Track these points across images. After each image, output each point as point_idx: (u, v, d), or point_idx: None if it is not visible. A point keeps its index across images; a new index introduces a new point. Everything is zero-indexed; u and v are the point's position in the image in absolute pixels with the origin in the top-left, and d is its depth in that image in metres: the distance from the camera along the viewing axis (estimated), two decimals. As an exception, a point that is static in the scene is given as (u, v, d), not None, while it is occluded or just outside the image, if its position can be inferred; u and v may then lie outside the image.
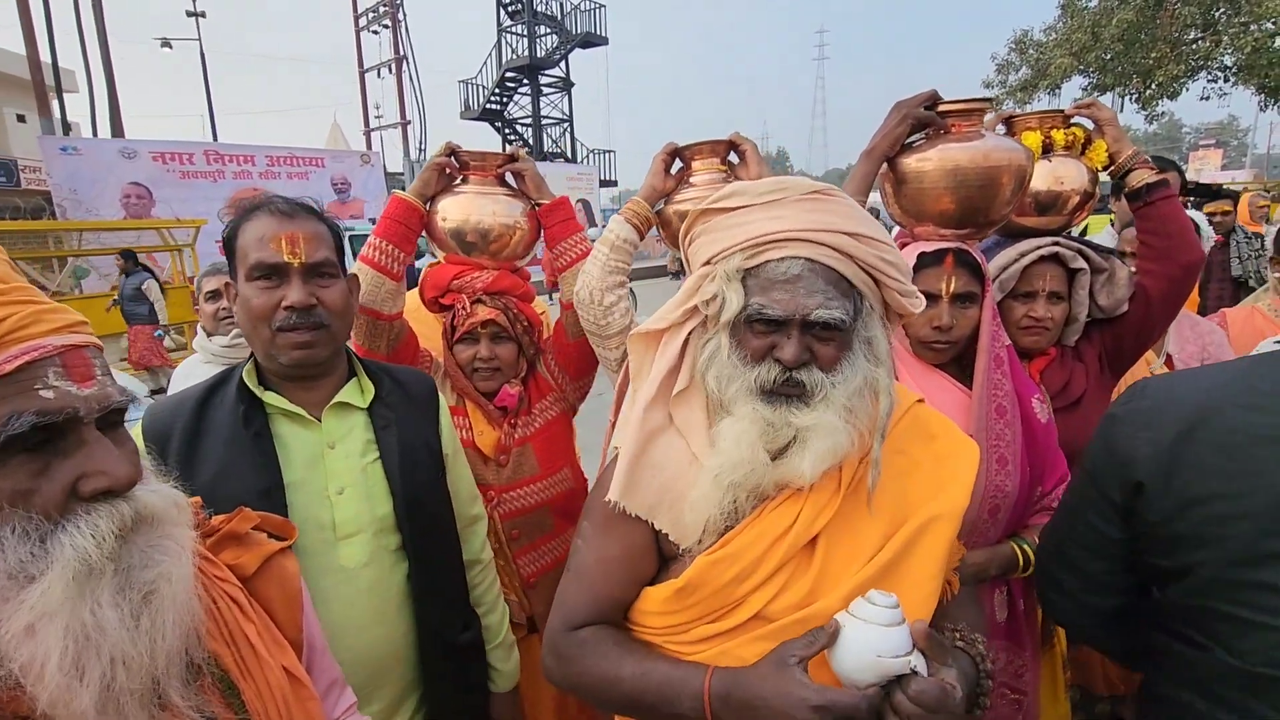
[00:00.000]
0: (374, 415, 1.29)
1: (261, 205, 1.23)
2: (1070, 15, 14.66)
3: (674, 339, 1.01)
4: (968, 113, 1.50)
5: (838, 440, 0.89)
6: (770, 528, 0.93)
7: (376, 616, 1.24)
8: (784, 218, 0.93)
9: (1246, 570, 0.80)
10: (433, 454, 1.35)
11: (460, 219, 1.74)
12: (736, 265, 0.93)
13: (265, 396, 1.22)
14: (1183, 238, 1.57)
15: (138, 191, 12.09)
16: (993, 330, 1.47)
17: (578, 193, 19.61)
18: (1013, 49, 16.04)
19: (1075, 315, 1.67)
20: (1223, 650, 0.82)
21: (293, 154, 14.54)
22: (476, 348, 1.69)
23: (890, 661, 0.80)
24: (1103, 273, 1.66)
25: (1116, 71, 14.37)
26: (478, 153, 1.81)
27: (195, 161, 12.86)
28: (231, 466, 1.15)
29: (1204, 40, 13.36)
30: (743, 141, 1.70)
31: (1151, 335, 1.70)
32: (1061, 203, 1.67)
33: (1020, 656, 1.51)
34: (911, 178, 1.51)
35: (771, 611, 0.92)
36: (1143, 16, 13.34)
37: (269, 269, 1.17)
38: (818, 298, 0.90)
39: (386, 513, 1.25)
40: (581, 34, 22.81)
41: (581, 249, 1.79)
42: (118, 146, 12.30)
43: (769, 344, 0.92)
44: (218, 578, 0.80)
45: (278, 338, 1.18)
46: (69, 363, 0.63)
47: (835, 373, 0.91)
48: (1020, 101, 15.68)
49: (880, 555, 0.92)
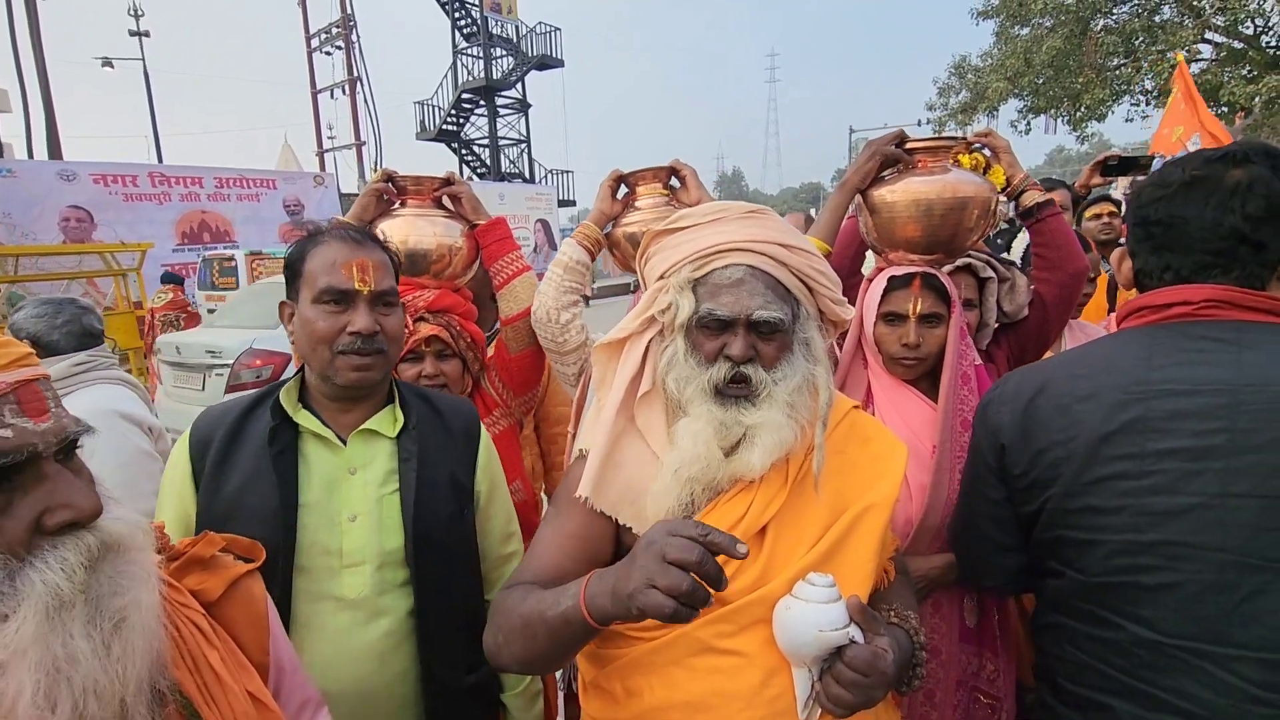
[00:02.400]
0: (400, 445, 1.28)
1: (332, 231, 1.27)
2: (1004, 42, 15.45)
3: (635, 347, 1.10)
4: (933, 150, 1.65)
5: (783, 435, 0.99)
6: (724, 518, 1.00)
7: (369, 650, 1.21)
8: (726, 231, 1.05)
9: (1078, 498, 1.01)
10: (459, 489, 1.33)
11: (399, 240, 1.76)
12: (687, 276, 1.04)
13: (298, 416, 1.23)
14: (1069, 249, 1.74)
15: (78, 215, 11.61)
16: (959, 349, 1.57)
17: (537, 212, 19.58)
18: (953, 73, 16.80)
19: (985, 320, 1.82)
20: (1074, 571, 1.03)
21: (243, 175, 14.18)
22: (421, 365, 1.71)
23: (830, 634, 0.87)
24: (1006, 282, 1.83)
25: (1048, 95, 15.17)
26: (414, 177, 1.85)
27: (139, 184, 12.43)
28: (254, 481, 1.17)
29: (1126, 66, 14.22)
30: (682, 167, 1.80)
31: (1049, 336, 1.86)
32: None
33: (994, 661, 1.57)
34: (882, 208, 1.65)
35: (726, 594, 0.96)
36: (1070, 44, 14.15)
37: (339, 294, 1.21)
38: (759, 299, 1.01)
39: (396, 546, 1.23)
40: (537, 56, 22.97)
41: (517, 266, 1.84)
42: (56, 168, 11.81)
43: (720, 344, 1.02)
44: (180, 604, 0.80)
45: (338, 359, 1.21)
46: (23, 398, 0.63)
47: (777, 370, 1.02)
48: (961, 123, 16.40)
49: (822, 543, 1.01)
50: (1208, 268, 1.00)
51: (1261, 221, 0.97)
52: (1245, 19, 12.79)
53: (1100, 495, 0.99)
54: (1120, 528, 0.98)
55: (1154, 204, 1.05)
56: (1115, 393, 1.00)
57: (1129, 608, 0.98)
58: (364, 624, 1.21)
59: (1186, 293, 1.01)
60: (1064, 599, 1.07)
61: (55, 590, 0.60)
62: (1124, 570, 0.98)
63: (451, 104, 22.83)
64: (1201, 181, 1.01)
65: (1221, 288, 0.99)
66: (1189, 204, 1.01)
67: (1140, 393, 0.98)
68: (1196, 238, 1.00)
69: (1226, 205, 0.98)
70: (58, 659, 0.59)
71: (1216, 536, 0.91)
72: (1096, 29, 14.12)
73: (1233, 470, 0.91)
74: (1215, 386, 0.94)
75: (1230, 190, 0.98)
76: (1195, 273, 1.01)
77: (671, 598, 0.75)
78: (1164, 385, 0.97)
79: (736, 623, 0.96)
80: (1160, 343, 1.01)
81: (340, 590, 1.19)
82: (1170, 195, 1.03)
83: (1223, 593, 0.91)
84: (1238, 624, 0.90)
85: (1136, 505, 0.96)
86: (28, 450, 0.61)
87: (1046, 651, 1.13)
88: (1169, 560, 0.94)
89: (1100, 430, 1.00)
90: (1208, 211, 0.99)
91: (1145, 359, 1.00)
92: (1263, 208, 0.97)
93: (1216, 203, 0.99)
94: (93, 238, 11.43)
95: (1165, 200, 1.04)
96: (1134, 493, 0.96)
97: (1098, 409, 1.01)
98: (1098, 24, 14.22)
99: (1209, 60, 14.01)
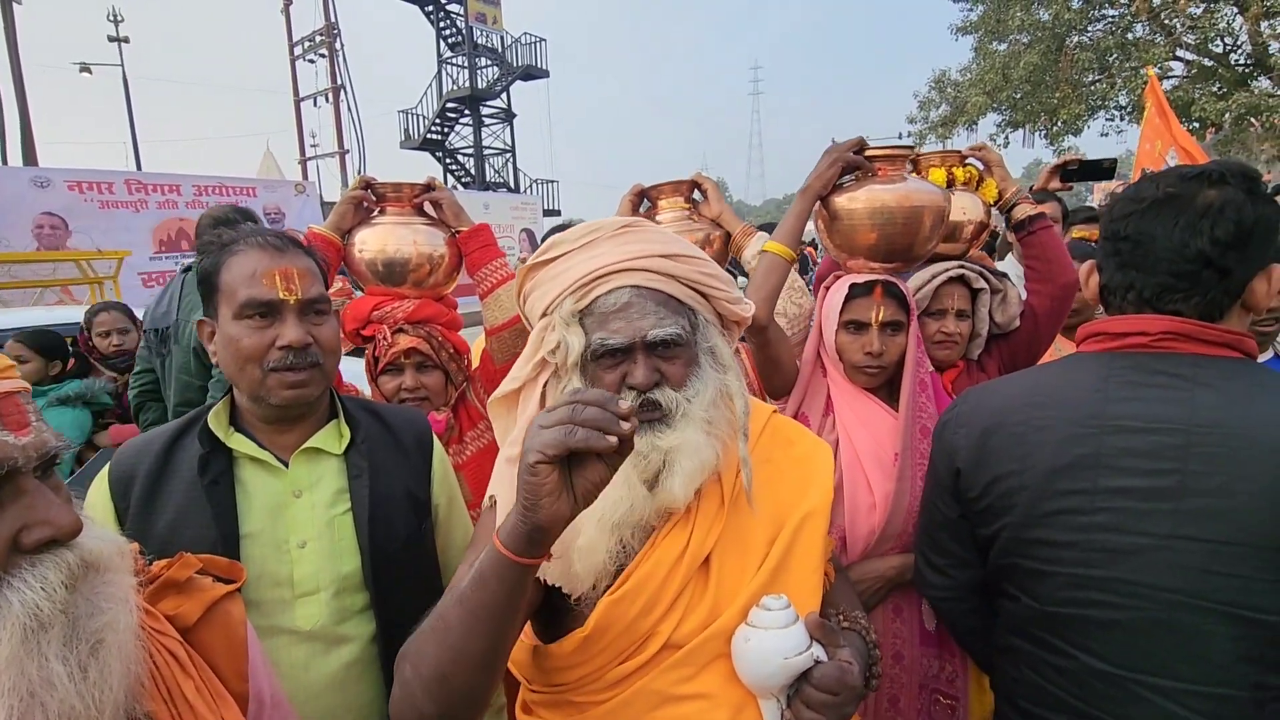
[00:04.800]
0: (348, 462, 1.21)
1: (247, 239, 1.16)
2: (983, 57, 15.71)
3: (531, 395, 1.02)
4: (892, 158, 1.66)
5: (704, 456, 0.92)
6: (665, 555, 0.94)
7: (331, 683, 1.14)
8: (601, 254, 0.97)
9: (1031, 530, 1.01)
10: (416, 505, 1.26)
11: (378, 249, 1.73)
12: (570, 308, 0.96)
13: (230, 441, 1.15)
14: (1060, 262, 1.76)
15: (51, 222, 11.39)
16: (918, 356, 1.59)
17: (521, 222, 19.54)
18: (933, 87, 17.04)
19: (978, 331, 1.84)
20: (1029, 598, 1.04)
21: (222, 183, 14.00)
22: (401, 378, 1.67)
23: (795, 660, 0.84)
24: (998, 293, 1.85)
25: (1026, 109, 15.44)
26: (393, 183, 1.81)
27: (116, 191, 12.23)
28: (188, 514, 1.09)
29: (1100, 82, 14.53)
30: (704, 180, 1.80)
31: (1041, 347, 1.88)
32: (961, 231, 1.87)
33: (951, 663, 1.58)
34: (843, 215, 1.65)
35: (679, 638, 0.93)
36: (1046, 60, 14.42)
37: (263, 306, 1.12)
38: (651, 319, 0.94)
39: (353, 569, 1.16)
40: (522, 67, 22.98)
41: (502, 274, 1.79)
42: (30, 175, 11.60)
43: (620, 374, 0.95)
44: (155, 630, 0.77)
45: (269, 378, 1.12)
46: (4, 411, 0.61)
47: (687, 388, 0.95)
48: (941, 136, 16.64)
49: (768, 561, 0.96)
50: (1170, 290, 0.98)
51: (1229, 247, 0.94)
52: (1215, 37, 13.13)
53: (1052, 528, 0.99)
54: (1071, 561, 0.97)
55: (1125, 219, 1.03)
56: (1069, 426, 0.99)
57: (1080, 639, 0.98)
58: (323, 655, 1.14)
59: (1144, 323, 0.99)
60: (1020, 624, 1.07)
61: (34, 610, 0.57)
62: (1075, 603, 0.98)
63: (436, 113, 22.75)
64: (1173, 200, 0.99)
65: (1179, 320, 0.97)
66: (1158, 222, 0.99)
67: (1094, 426, 0.97)
68: (1163, 258, 0.98)
69: (1195, 227, 0.96)
70: (33, 683, 0.56)
71: (1166, 577, 0.91)
72: (1072, 45, 14.42)
73: (1183, 513, 0.90)
74: (1168, 425, 0.92)
75: (1200, 211, 0.96)
76: (1157, 295, 0.99)
77: (567, 430, 0.68)
78: (1117, 421, 0.96)
79: (694, 664, 0.91)
80: (1115, 374, 1.00)
81: (294, 622, 1.12)
82: (1142, 211, 1.01)
83: (1172, 631, 0.91)
84: (1186, 660, 0.90)
85: (1086, 541, 0.96)
86: (7, 464, 0.59)
87: (1005, 672, 1.13)
88: (1119, 597, 0.94)
89: (1053, 463, 0.99)
90: (1176, 232, 0.97)
91: (1100, 391, 0.99)
92: (1231, 232, 0.94)
93: (1185, 223, 0.97)
94: (67, 245, 11.23)
95: (1136, 216, 1.02)
96: (1085, 528, 0.96)
97: (1050, 441, 1.00)
98: (1073, 41, 14.51)
99: (1180, 77, 14.35)
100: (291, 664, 1.12)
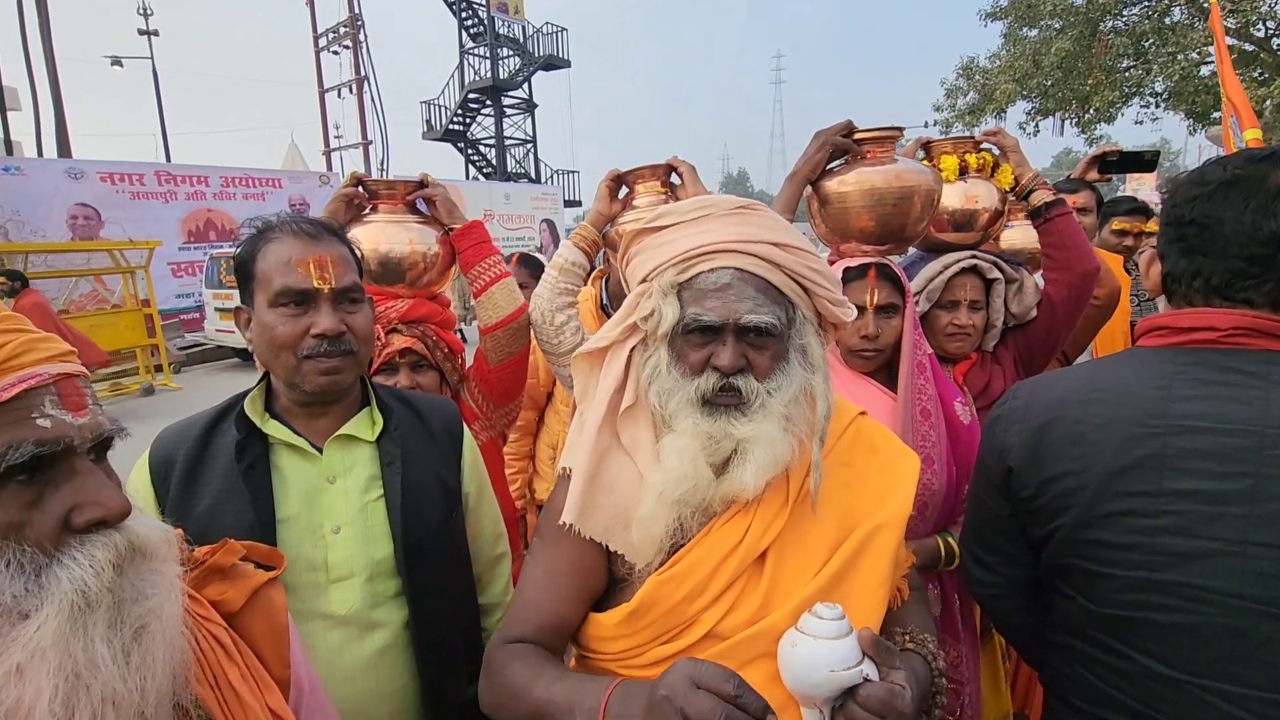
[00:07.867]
0: (380, 449, 1.21)
1: (282, 226, 1.17)
2: (1013, 44, 15.37)
3: (617, 356, 1.01)
4: (881, 140, 1.63)
5: (778, 450, 0.90)
6: (718, 544, 0.93)
7: (364, 667, 1.15)
8: (711, 231, 0.95)
9: (1089, 530, 0.97)
10: (447, 493, 1.27)
11: (370, 247, 1.69)
12: (670, 280, 0.96)
13: (266, 427, 1.16)
14: (1079, 250, 1.71)
15: (85, 212, 11.67)
16: (914, 339, 1.56)
17: (542, 212, 19.60)
18: (960, 75, 16.71)
19: (993, 322, 1.80)
20: (1084, 599, 1.00)
21: (249, 175, 14.23)
22: (396, 378, 1.64)
23: (842, 674, 0.80)
24: (1014, 283, 1.80)
25: (1057, 97, 15.09)
26: (385, 180, 1.79)
27: (146, 182, 12.48)
28: (225, 499, 1.11)
29: (1136, 68, 14.14)
30: (680, 164, 1.76)
31: (1059, 338, 1.83)
32: (975, 219, 1.82)
33: (956, 648, 1.57)
34: (834, 199, 1.64)
35: (724, 629, 0.92)
36: (1079, 46, 14.07)
37: (298, 294, 1.12)
38: (748, 303, 0.92)
39: (385, 555, 1.17)
40: (544, 57, 22.97)
41: (496, 272, 1.75)
42: (64, 166, 11.86)
43: (706, 354, 0.93)
44: (201, 617, 0.77)
45: (304, 365, 1.13)
46: (64, 391, 0.62)
47: (771, 380, 0.93)
48: (968, 124, 16.33)
49: (828, 566, 0.93)
50: (1240, 276, 0.93)
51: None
52: (1256, 21, 12.70)
53: (1112, 530, 0.95)
54: (1133, 564, 0.94)
55: (1189, 203, 0.98)
56: (1131, 425, 0.95)
57: (1140, 641, 0.95)
58: (356, 640, 1.15)
59: (1213, 318, 0.94)
60: (1074, 623, 1.04)
61: (82, 588, 0.58)
62: (1136, 605, 0.94)
63: (458, 104, 22.85)
64: (1242, 181, 0.93)
65: (1251, 314, 0.92)
66: (1227, 205, 0.94)
67: (1158, 427, 0.93)
68: (1232, 241, 0.93)
69: (1268, 209, 0.90)
70: (78, 663, 0.57)
71: (1234, 583, 0.87)
72: (1106, 30, 14.05)
73: (1255, 517, 0.86)
74: (1240, 427, 0.88)
75: (1273, 193, 0.91)
76: (1226, 282, 0.94)
77: None
78: (1183, 421, 0.91)
79: (737, 658, 0.88)
80: (1182, 371, 0.95)
81: (329, 607, 1.13)
82: (1208, 194, 0.96)
83: (1238, 637, 0.88)
84: (1251, 666, 0.88)
85: (1149, 544, 0.92)
86: (64, 442, 0.60)
87: (1057, 669, 1.10)
88: (1184, 601, 0.90)
89: (1114, 464, 0.95)
90: (1246, 215, 0.92)
91: (1164, 388, 0.94)
92: None
93: (1257, 205, 0.91)
94: (100, 236, 11.49)
95: (1202, 199, 0.96)
96: (1148, 531, 0.92)
97: (1112, 440, 0.96)
98: (1107, 25, 14.14)
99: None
100: (326, 648, 1.13)
